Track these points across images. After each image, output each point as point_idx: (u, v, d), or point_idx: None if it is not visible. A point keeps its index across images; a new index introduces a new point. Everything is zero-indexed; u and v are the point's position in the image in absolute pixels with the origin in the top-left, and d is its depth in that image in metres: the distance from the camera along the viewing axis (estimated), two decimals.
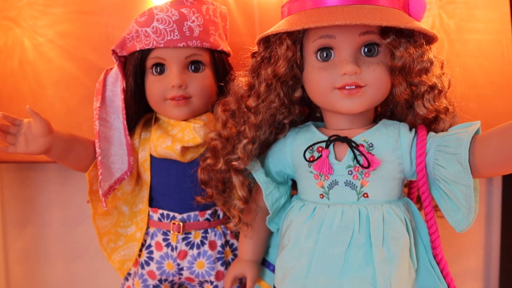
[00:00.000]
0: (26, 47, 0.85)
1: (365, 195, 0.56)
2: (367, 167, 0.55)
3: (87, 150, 0.70)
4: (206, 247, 0.71)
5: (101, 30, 0.83)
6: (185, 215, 0.70)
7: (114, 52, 0.70)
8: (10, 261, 0.99)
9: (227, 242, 0.73)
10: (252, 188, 0.66)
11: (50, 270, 0.98)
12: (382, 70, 0.55)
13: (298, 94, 0.61)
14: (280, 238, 0.64)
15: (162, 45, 0.66)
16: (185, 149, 0.68)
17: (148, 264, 0.72)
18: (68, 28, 0.84)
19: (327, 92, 0.56)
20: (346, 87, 0.54)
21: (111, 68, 0.74)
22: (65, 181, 0.96)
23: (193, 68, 0.69)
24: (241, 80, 0.61)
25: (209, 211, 0.71)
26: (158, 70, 0.69)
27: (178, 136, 0.69)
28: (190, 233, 0.71)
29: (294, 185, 0.66)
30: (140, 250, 0.73)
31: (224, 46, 0.71)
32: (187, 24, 0.66)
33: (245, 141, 0.60)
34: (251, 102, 0.59)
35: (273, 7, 0.82)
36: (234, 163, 0.61)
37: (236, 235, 0.74)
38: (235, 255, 0.73)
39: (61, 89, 0.85)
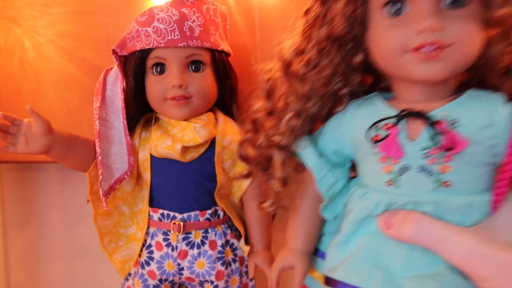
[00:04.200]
0: (26, 47, 0.85)
1: (445, 183, 0.46)
2: (449, 149, 0.45)
3: (87, 150, 0.70)
4: (206, 247, 0.71)
5: (101, 30, 0.83)
6: (185, 215, 0.70)
7: (114, 52, 0.70)
8: (10, 261, 0.99)
9: (227, 242, 0.73)
10: (300, 169, 0.57)
11: (50, 270, 0.98)
12: (473, 25, 0.44)
13: (359, 59, 0.51)
14: (336, 226, 0.56)
15: (162, 45, 0.66)
16: (185, 149, 0.68)
17: (148, 264, 0.72)
18: (68, 28, 0.84)
19: (399, 55, 0.46)
20: (424, 49, 0.44)
21: (111, 68, 0.74)
22: (65, 181, 0.96)
23: (193, 68, 0.69)
24: (288, 42, 0.52)
25: (209, 211, 0.71)
26: (159, 70, 0.69)
27: (178, 136, 0.69)
28: (190, 233, 0.71)
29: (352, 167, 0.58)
30: (141, 250, 0.73)
31: (225, 46, 0.72)
32: (187, 24, 0.66)
33: (290, 114, 0.51)
34: (299, 69, 0.50)
35: (273, 7, 0.82)
36: (275, 138, 0.52)
37: (236, 235, 0.74)
38: (235, 255, 0.73)
39: (61, 89, 0.85)
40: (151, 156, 0.71)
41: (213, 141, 0.70)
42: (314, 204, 0.57)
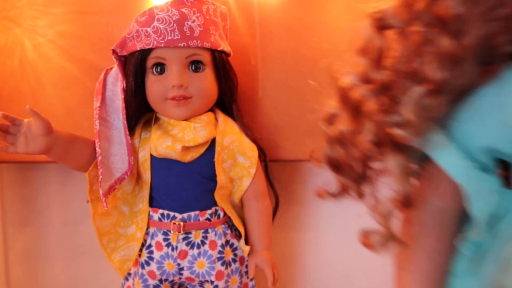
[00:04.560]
0: (26, 47, 0.85)
1: None
2: None
3: (87, 150, 0.70)
4: (206, 247, 0.71)
5: (101, 30, 0.83)
6: (185, 215, 0.70)
7: (114, 51, 0.70)
8: (10, 261, 0.99)
9: (227, 242, 0.73)
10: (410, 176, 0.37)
11: (50, 270, 0.98)
12: None
13: None
14: (476, 264, 0.37)
15: (162, 45, 0.66)
16: (185, 149, 0.68)
17: (148, 264, 0.72)
18: (68, 28, 0.84)
19: None
20: None
21: (111, 68, 0.74)
22: (65, 181, 0.96)
23: (193, 68, 0.69)
24: None
25: (209, 211, 0.71)
26: (159, 70, 0.69)
27: (178, 136, 0.69)
28: (190, 233, 0.71)
29: None
30: (140, 250, 0.73)
31: (225, 46, 0.72)
32: (187, 24, 0.66)
33: (422, 89, 0.32)
34: (450, 6, 0.30)
35: (273, 7, 0.82)
36: (397, 131, 0.33)
37: (236, 235, 0.74)
38: (235, 255, 0.73)
39: (61, 89, 0.85)
40: (151, 156, 0.71)
41: (213, 141, 0.70)
42: (442, 233, 0.38)
